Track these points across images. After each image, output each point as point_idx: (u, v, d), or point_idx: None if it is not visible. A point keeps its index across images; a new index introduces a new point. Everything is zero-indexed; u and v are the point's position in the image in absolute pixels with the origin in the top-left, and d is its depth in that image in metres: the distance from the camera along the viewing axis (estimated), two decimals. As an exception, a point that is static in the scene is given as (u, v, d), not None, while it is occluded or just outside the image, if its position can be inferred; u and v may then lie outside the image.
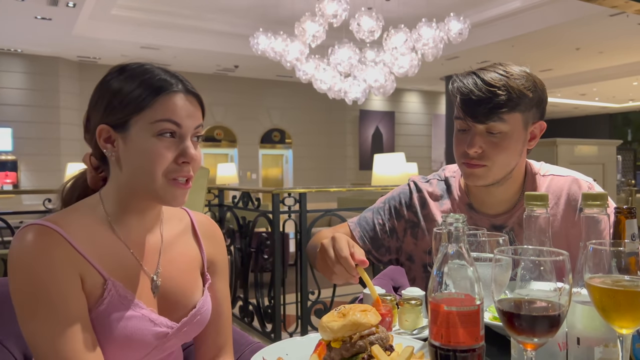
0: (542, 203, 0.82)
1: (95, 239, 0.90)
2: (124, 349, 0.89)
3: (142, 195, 0.92)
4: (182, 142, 0.90)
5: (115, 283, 0.89)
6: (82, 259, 0.87)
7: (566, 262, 0.67)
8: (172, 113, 0.88)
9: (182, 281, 1.00)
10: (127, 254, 0.94)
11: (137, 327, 0.89)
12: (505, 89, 1.18)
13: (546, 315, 0.66)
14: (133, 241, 0.95)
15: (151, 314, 0.93)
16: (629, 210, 0.81)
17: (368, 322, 0.86)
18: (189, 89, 0.93)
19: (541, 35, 8.35)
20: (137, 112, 0.88)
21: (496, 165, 1.23)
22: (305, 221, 3.66)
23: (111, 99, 0.89)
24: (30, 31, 8.08)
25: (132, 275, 0.93)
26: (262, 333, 3.82)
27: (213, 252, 1.08)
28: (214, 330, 1.08)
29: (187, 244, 1.05)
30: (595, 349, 0.78)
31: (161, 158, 0.88)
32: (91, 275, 0.87)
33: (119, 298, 0.89)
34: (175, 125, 0.89)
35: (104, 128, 0.90)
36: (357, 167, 13.35)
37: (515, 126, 1.21)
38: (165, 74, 0.92)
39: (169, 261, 1.00)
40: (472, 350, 0.64)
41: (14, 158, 9.83)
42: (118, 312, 0.88)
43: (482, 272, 0.72)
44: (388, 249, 1.45)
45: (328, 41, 5.97)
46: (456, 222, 0.67)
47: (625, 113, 17.27)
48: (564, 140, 4.12)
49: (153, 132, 0.88)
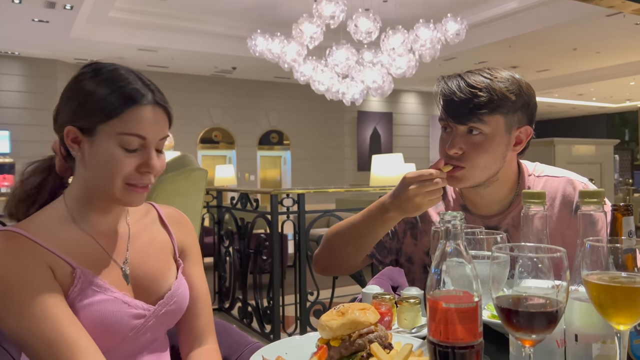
0: (539, 201, 0.82)
1: (60, 235, 0.94)
2: (102, 333, 0.91)
3: (103, 196, 0.96)
4: (146, 153, 0.93)
5: (85, 270, 0.92)
6: (48, 252, 0.90)
7: (563, 258, 0.67)
8: (139, 127, 0.91)
9: (153, 268, 1.04)
10: (94, 245, 0.97)
11: (112, 309, 0.92)
12: (486, 90, 1.18)
13: (544, 312, 0.67)
14: (99, 233, 0.99)
15: (124, 297, 0.96)
16: (625, 207, 0.81)
17: (367, 320, 0.87)
18: (158, 100, 0.95)
19: (538, 36, 8.37)
20: (105, 121, 0.90)
21: (475, 168, 1.22)
22: (303, 222, 3.66)
23: (82, 102, 0.92)
24: (27, 34, 8.08)
25: (101, 264, 0.96)
26: (262, 334, 3.82)
27: (182, 238, 1.12)
28: (192, 314, 1.10)
29: (156, 232, 1.09)
30: (593, 345, 0.78)
31: (123, 167, 0.91)
32: (60, 266, 0.91)
33: (89, 284, 0.92)
34: (141, 139, 0.92)
35: (71, 129, 0.93)
36: (356, 168, 13.35)
37: (497, 129, 1.20)
38: (137, 82, 0.94)
39: (138, 249, 1.03)
40: (470, 346, 0.65)
41: (11, 161, 9.81)
42: (90, 298, 0.91)
43: (480, 269, 0.72)
44: (389, 251, 1.46)
45: (325, 42, 5.98)
46: (453, 220, 0.68)
47: (622, 113, 17.30)
48: (561, 140, 4.14)
49: (118, 142, 0.91)
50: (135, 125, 0.91)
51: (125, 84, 0.92)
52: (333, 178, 13.01)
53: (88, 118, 0.91)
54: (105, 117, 0.90)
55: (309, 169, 12.99)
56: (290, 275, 3.93)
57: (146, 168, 0.93)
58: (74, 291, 0.90)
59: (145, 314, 0.98)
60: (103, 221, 1.00)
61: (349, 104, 7.28)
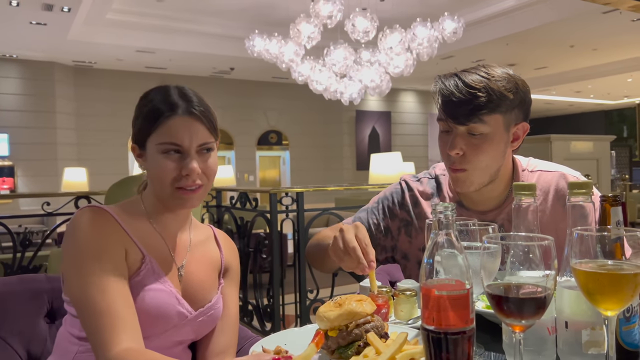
0: (529, 193, 0.84)
1: (137, 226, 1.07)
2: (151, 319, 1.01)
3: (161, 201, 1.09)
4: (185, 158, 1.05)
5: (152, 260, 1.05)
6: (127, 236, 1.03)
7: (552, 246, 0.69)
8: (172, 136, 1.04)
9: (203, 278, 1.15)
10: (162, 243, 1.10)
11: (166, 300, 1.03)
12: (485, 90, 1.19)
13: (533, 298, 0.69)
14: (167, 234, 1.12)
15: (177, 293, 1.07)
16: (614, 198, 0.83)
17: (364, 311, 0.89)
18: (192, 110, 1.05)
19: (535, 33, 8.39)
20: (149, 134, 1.05)
21: (477, 170, 1.24)
22: (302, 220, 3.68)
23: (134, 122, 1.09)
24: (25, 36, 8.09)
25: (164, 260, 1.09)
26: (262, 332, 3.84)
27: (230, 260, 1.23)
28: (218, 330, 1.17)
29: (211, 249, 1.21)
30: (583, 332, 0.80)
31: (167, 172, 1.04)
32: (133, 250, 1.03)
33: (153, 273, 1.04)
34: (176, 145, 1.04)
35: (134, 147, 1.10)
36: (354, 167, 13.37)
37: (497, 128, 1.22)
38: (171, 96, 1.06)
39: (194, 258, 1.15)
40: (462, 332, 0.67)
41: (10, 164, 9.82)
42: (152, 284, 1.03)
43: (472, 260, 0.74)
44: (384, 248, 1.47)
45: (323, 42, 6.00)
46: (445, 211, 0.70)
47: (620, 109, 17.33)
48: (558, 137, 4.16)
49: (159, 151, 1.04)
50: (169, 135, 1.04)
51: (156, 102, 1.05)
52: (332, 177, 13.03)
53: (139, 135, 1.08)
54: (147, 133, 1.05)
55: (308, 169, 13.01)
56: (290, 275, 3.95)
57: (186, 171, 1.04)
58: (139, 275, 1.02)
59: (187, 315, 1.07)
60: (172, 224, 1.13)
61: (347, 103, 7.30)
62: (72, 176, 6.66)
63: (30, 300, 1.25)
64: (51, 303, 1.28)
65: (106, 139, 10.61)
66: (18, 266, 3.21)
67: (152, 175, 1.07)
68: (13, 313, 1.22)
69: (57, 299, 1.27)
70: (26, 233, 3.42)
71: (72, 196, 3.48)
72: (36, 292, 1.26)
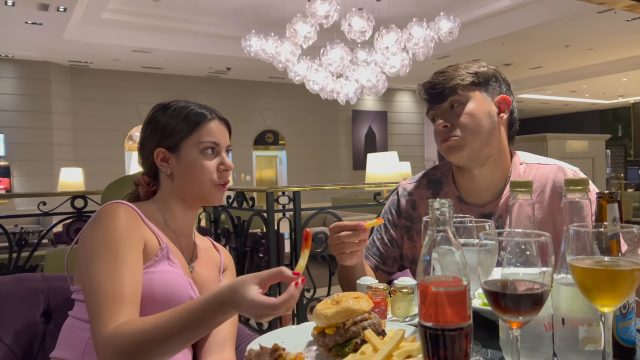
0: (526, 189, 0.85)
1: (156, 221, 1.17)
2: (165, 301, 1.06)
3: (190, 199, 1.19)
4: (220, 155, 1.19)
5: (168, 248, 1.13)
6: (147, 228, 1.12)
7: (548, 243, 0.70)
8: (211, 135, 1.17)
9: (208, 274, 1.25)
10: (175, 239, 1.20)
11: (180, 283, 1.11)
12: (454, 71, 1.34)
13: (530, 294, 0.69)
14: (180, 233, 1.22)
15: (189, 280, 1.15)
16: (610, 194, 0.84)
17: (360, 308, 0.89)
18: (220, 116, 1.22)
19: (531, 33, 8.42)
20: (186, 137, 1.16)
21: (467, 131, 1.30)
22: (299, 220, 3.68)
23: (163, 129, 1.17)
24: (21, 36, 8.06)
25: (178, 254, 1.18)
26: (259, 331, 3.84)
27: (228, 262, 1.35)
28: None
29: (212, 252, 1.32)
30: (580, 328, 0.80)
31: (208, 168, 1.16)
32: (152, 240, 1.11)
33: (167, 258, 1.12)
34: (214, 144, 1.17)
35: (160, 150, 1.17)
36: (351, 167, 13.39)
37: (475, 97, 1.33)
38: (197, 106, 1.20)
39: (200, 258, 1.26)
40: (459, 328, 0.67)
41: (6, 164, 9.79)
42: (167, 267, 1.11)
43: (469, 257, 0.74)
44: (394, 259, 1.51)
45: (319, 42, 6.00)
46: (442, 207, 0.70)
47: (615, 109, 17.40)
48: (553, 136, 4.17)
49: (199, 150, 1.16)
50: (209, 135, 1.17)
51: (191, 110, 1.18)
52: (329, 177, 13.04)
53: (171, 139, 1.16)
54: (186, 134, 1.16)
55: (304, 169, 13.01)
56: (287, 274, 3.94)
57: (224, 167, 1.18)
58: (156, 259, 1.10)
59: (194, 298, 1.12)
60: (184, 223, 1.22)
61: (343, 103, 7.30)
62: (68, 176, 6.64)
63: (26, 299, 1.24)
64: (47, 302, 1.27)
65: (102, 139, 10.59)
66: (14, 266, 3.19)
67: (189, 174, 1.16)
68: (9, 312, 1.22)
69: (53, 297, 1.27)
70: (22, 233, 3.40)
71: (68, 196, 3.47)
72: (32, 291, 1.26)
